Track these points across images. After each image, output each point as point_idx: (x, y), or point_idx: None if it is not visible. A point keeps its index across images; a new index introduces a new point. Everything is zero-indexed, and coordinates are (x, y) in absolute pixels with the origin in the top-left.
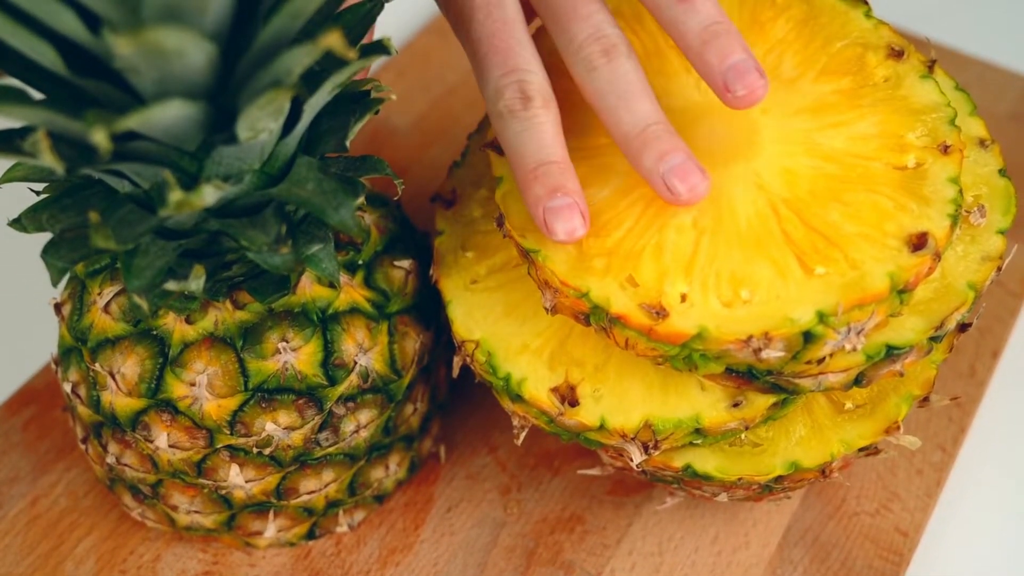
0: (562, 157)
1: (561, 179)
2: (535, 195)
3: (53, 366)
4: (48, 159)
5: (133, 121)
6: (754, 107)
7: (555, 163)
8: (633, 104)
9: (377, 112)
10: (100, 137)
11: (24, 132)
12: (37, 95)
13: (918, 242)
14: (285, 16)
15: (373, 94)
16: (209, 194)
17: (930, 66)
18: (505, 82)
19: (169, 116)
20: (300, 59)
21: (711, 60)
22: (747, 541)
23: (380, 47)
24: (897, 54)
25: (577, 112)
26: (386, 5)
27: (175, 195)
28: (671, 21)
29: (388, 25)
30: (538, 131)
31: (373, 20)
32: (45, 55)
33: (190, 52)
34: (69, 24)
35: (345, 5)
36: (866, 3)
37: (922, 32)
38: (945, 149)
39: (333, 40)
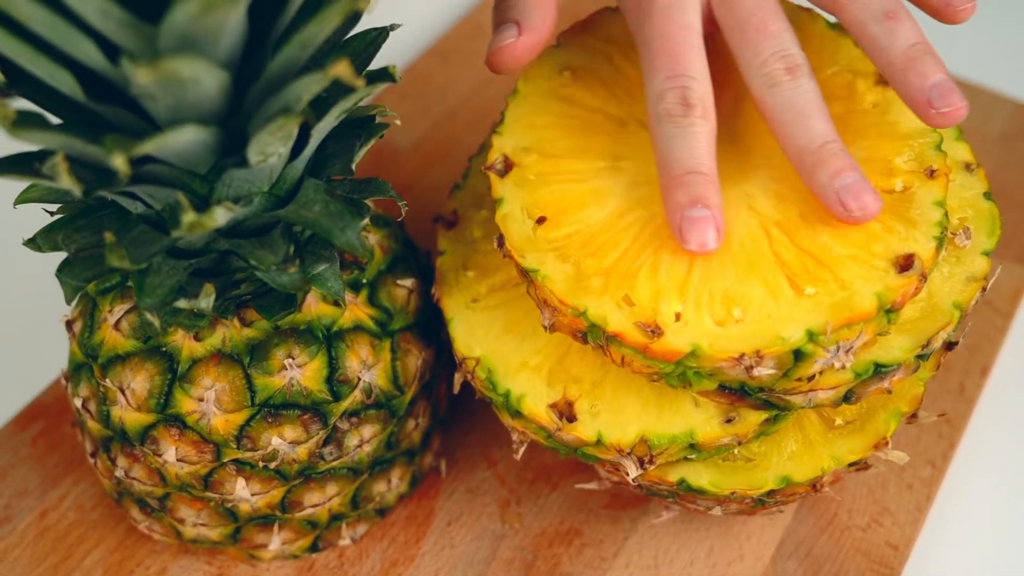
0: (710, 169)
1: (705, 190)
2: (676, 201)
3: (63, 381)
4: (66, 182)
5: (149, 146)
6: (746, 131)
7: (702, 174)
8: (811, 121)
9: (381, 136)
10: (119, 162)
11: (41, 155)
12: (54, 119)
13: (905, 263)
14: (295, 46)
15: (378, 119)
16: (220, 216)
17: None
18: (669, 86)
19: (183, 141)
20: (309, 87)
21: (914, 80)
22: (741, 554)
23: (385, 74)
24: (885, 80)
25: (577, 135)
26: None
27: (188, 217)
28: (873, 39)
29: (390, 48)
30: (692, 139)
31: (379, 47)
32: (64, 82)
33: (204, 80)
34: (89, 53)
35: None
36: None
37: None
38: (931, 173)
39: (341, 69)
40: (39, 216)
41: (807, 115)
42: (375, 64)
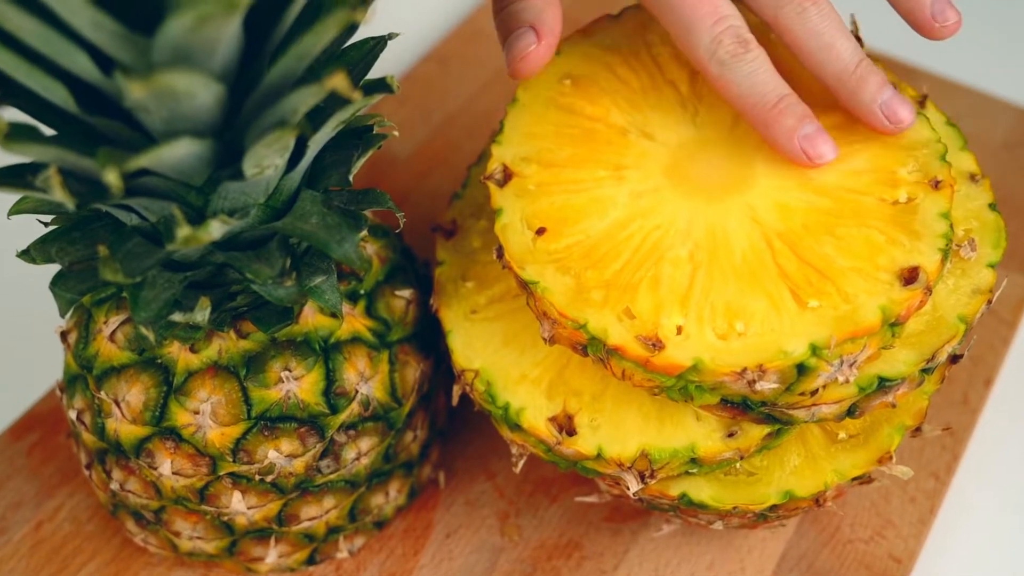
0: (791, 90)
1: (804, 108)
2: (787, 127)
3: (58, 393)
4: (59, 195)
5: (144, 160)
6: (749, 141)
7: (791, 94)
8: (842, 43)
9: (379, 147)
10: (112, 177)
11: (35, 167)
12: (47, 130)
13: (909, 276)
14: (291, 57)
15: (376, 129)
16: (216, 229)
17: (921, 101)
18: (720, 29)
19: (178, 154)
20: (305, 99)
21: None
22: (742, 568)
23: (383, 85)
24: None
25: (579, 145)
26: None
27: (183, 230)
28: None
29: (389, 54)
30: (767, 69)
31: (376, 57)
32: (57, 94)
33: (199, 93)
34: (82, 65)
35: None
36: (859, 40)
37: (915, 62)
38: (936, 184)
39: (338, 82)
40: (35, 225)
41: (836, 37)
42: (374, 69)
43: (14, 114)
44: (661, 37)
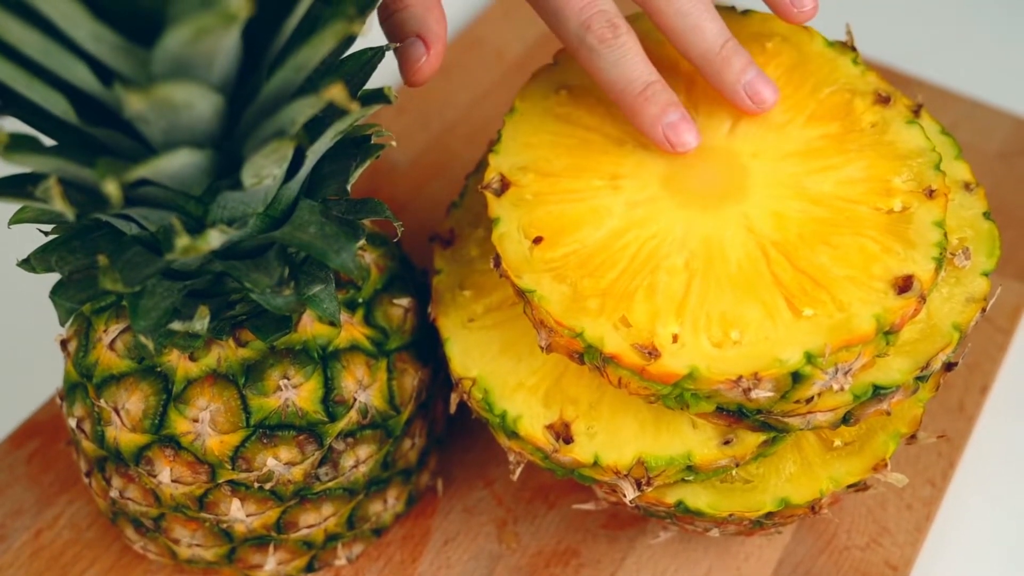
0: (658, 75)
1: (669, 95)
2: (651, 115)
3: (58, 401)
4: (59, 205)
5: (143, 170)
6: (744, 151)
7: (658, 81)
8: (708, 24)
9: (378, 157)
10: (111, 187)
11: (35, 178)
12: (48, 141)
13: (904, 284)
14: (289, 69)
15: (374, 139)
16: (215, 238)
17: (916, 111)
18: (589, 13)
19: (177, 164)
20: (304, 110)
21: None
22: (739, 575)
23: (381, 96)
24: (884, 100)
25: (575, 154)
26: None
27: (182, 240)
28: None
29: (387, 62)
30: (635, 56)
31: (374, 68)
32: (57, 105)
33: (198, 104)
34: (82, 77)
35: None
36: (854, 50)
37: (912, 71)
38: (930, 193)
39: (336, 93)
40: (35, 234)
41: (703, 19)
42: (372, 79)
43: (14, 125)
44: (657, 47)
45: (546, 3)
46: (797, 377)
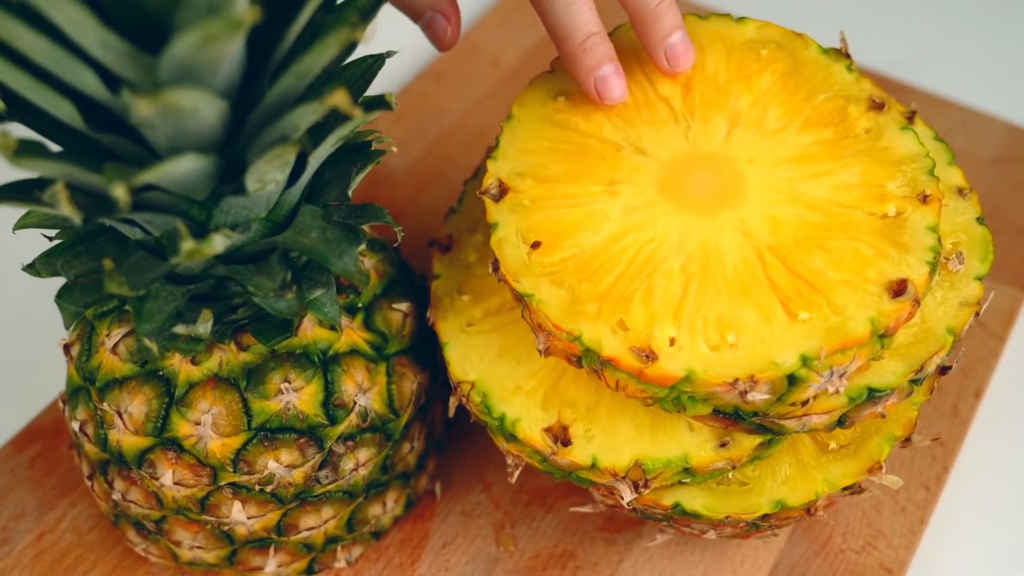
0: (601, 28)
1: (607, 49)
2: (586, 66)
3: (61, 404)
4: (66, 210)
5: (149, 175)
6: (740, 156)
7: (599, 34)
8: None
9: (378, 162)
10: (120, 192)
11: (41, 182)
12: (54, 147)
13: (898, 288)
14: (292, 75)
15: (374, 145)
16: (219, 243)
17: (910, 117)
18: None
19: (182, 169)
20: (306, 116)
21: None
22: None
23: (382, 102)
24: (878, 106)
25: (573, 160)
26: None
27: (187, 244)
28: None
29: (385, 70)
30: (581, 6)
31: (375, 75)
32: (64, 111)
33: (203, 110)
34: (89, 83)
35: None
36: (848, 57)
37: (906, 78)
38: (924, 198)
39: (339, 99)
40: (37, 239)
41: None
42: (372, 86)
43: (22, 131)
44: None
45: None
46: (793, 380)
